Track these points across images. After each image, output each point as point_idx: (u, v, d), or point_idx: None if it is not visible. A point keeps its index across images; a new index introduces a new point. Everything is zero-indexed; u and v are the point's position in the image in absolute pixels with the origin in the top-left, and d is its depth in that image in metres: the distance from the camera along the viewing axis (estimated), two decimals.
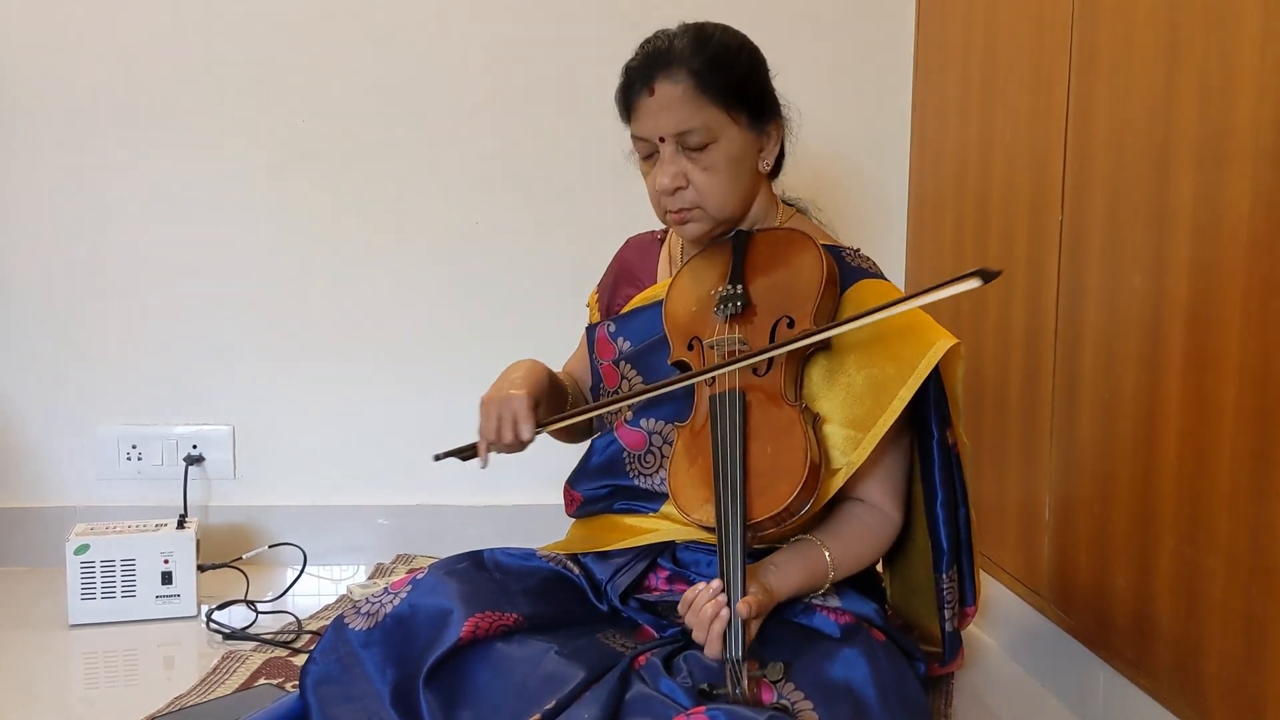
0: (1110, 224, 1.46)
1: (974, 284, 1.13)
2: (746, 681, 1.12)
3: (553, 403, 1.50)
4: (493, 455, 1.42)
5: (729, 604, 1.16)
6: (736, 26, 1.58)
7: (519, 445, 1.40)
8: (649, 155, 1.41)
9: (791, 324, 1.32)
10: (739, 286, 1.37)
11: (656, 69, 1.36)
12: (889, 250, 2.26)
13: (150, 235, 2.15)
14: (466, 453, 1.43)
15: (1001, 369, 1.80)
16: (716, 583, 1.18)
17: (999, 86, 1.82)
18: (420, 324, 2.21)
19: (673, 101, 1.35)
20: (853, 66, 2.23)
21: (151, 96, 2.12)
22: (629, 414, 1.46)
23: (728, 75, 1.36)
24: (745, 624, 1.16)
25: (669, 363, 1.41)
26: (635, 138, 1.41)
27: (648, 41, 1.41)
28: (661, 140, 1.37)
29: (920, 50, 2.21)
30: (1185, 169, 1.29)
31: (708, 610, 1.16)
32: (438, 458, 1.43)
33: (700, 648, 1.19)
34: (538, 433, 1.40)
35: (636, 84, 1.38)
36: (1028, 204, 1.71)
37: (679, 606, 1.23)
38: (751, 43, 1.43)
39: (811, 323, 1.30)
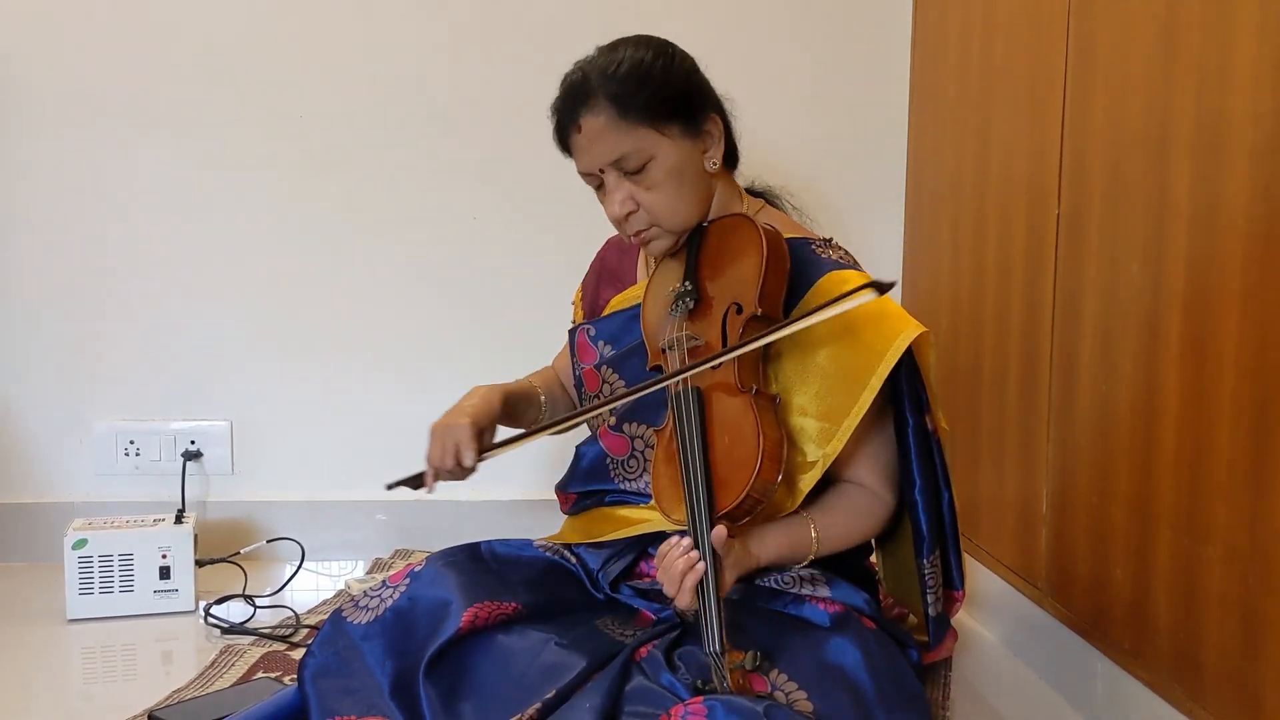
0: (1108, 216, 1.46)
1: (871, 295, 1.18)
2: (729, 674, 1.12)
3: (515, 420, 1.53)
4: (440, 483, 1.43)
5: (705, 607, 1.15)
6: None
7: (462, 472, 1.42)
8: (598, 187, 1.41)
9: (740, 310, 1.31)
10: (689, 283, 1.37)
11: (578, 104, 1.37)
12: (886, 244, 2.27)
13: (148, 232, 2.15)
14: (415, 481, 1.44)
15: (999, 361, 1.80)
16: (687, 540, 1.19)
17: (996, 79, 1.82)
18: (418, 319, 2.21)
19: (599, 133, 1.35)
20: (850, 60, 2.23)
21: (149, 94, 2.12)
22: (611, 419, 1.47)
23: (645, 92, 1.34)
24: (720, 572, 1.17)
25: (647, 368, 1.41)
26: (580, 174, 1.42)
27: (566, 76, 1.41)
28: (602, 171, 1.38)
29: (918, 43, 2.21)
30: (1183, 160, 1.30)
31: (679, 565, 1.16)
32: (390, 487, 1.44)
33: (694, 643, 1.19)
34: (480, 459, 1.41)
35: (565, 124, 1.39)
36: (1025, 196, 1.71)
37: (655, 559, 1.22)
38: (669, 47, 1.41)
39: (756, 306, 1.29)
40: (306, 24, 2.14)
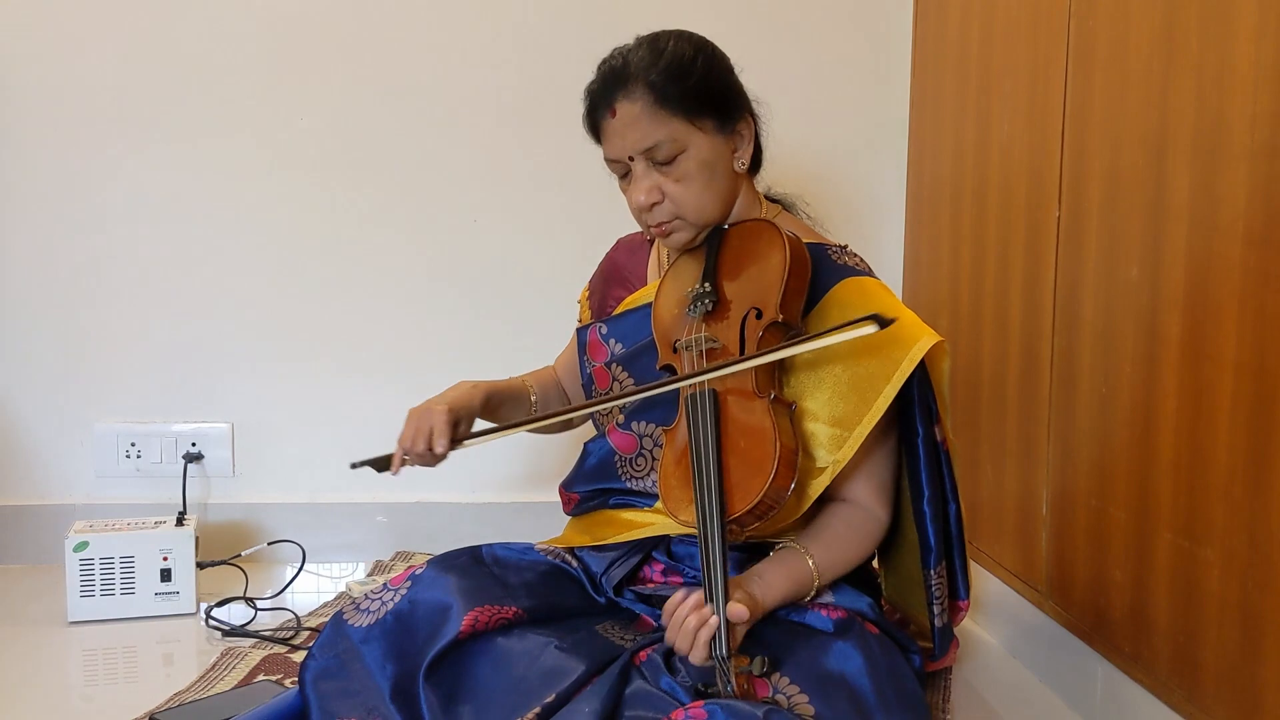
0: (1107, 218, 1.47)
1: (871, 329, 1.20)
2: (735, 678, 1.13)
3: (498, 417, 1.54)
4: (406, 468, 1.43)
5: (716, 610, 1.15)
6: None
7: (432, 458, 1.41)
8: (624, 175, 1.41)
9: (759, 315, 1.31)
10: (708, 284, 1.37)
11: (615, 89, 1.36)
12: (886, 247, 2.27)
13: (149, 233, 2.15)
14: (382, 463, 1.44)
15: (999, 364, 1.80)
16: (696, 595, 1.18)
17: (996, 82, 1.82)
18: (419, 322, 2.21)
19: (634, 119, 1.35)
20: (851, 63, 2.23)
21: (150, 95, 2.13)
22: (620, 417, 1.47)
23: (685, 84, 1.35)
24: (732, 626, 1.16)
25: (657, 367, 1.41)
26: (607, 160, 1.41)
27: (604, 61, 1.40)
28: (631, 159, 1.37)
29: (918, 46, 2.21)
30: (1181, 163, 1.30)
31: (691, 621, 1.15)
32: (354, 466, 1.44)
33: None
34: (452, 449, 1.42)
35: (599, 107, 1.39)
36: (1025, 199, 1.71)
37: (662, 617, 1.22)
38: (709, 45, 1.41)
39: (778, 312, 1.30)
40: (306, 27, 2.14)
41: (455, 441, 1.42)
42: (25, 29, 2.09)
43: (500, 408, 1.55)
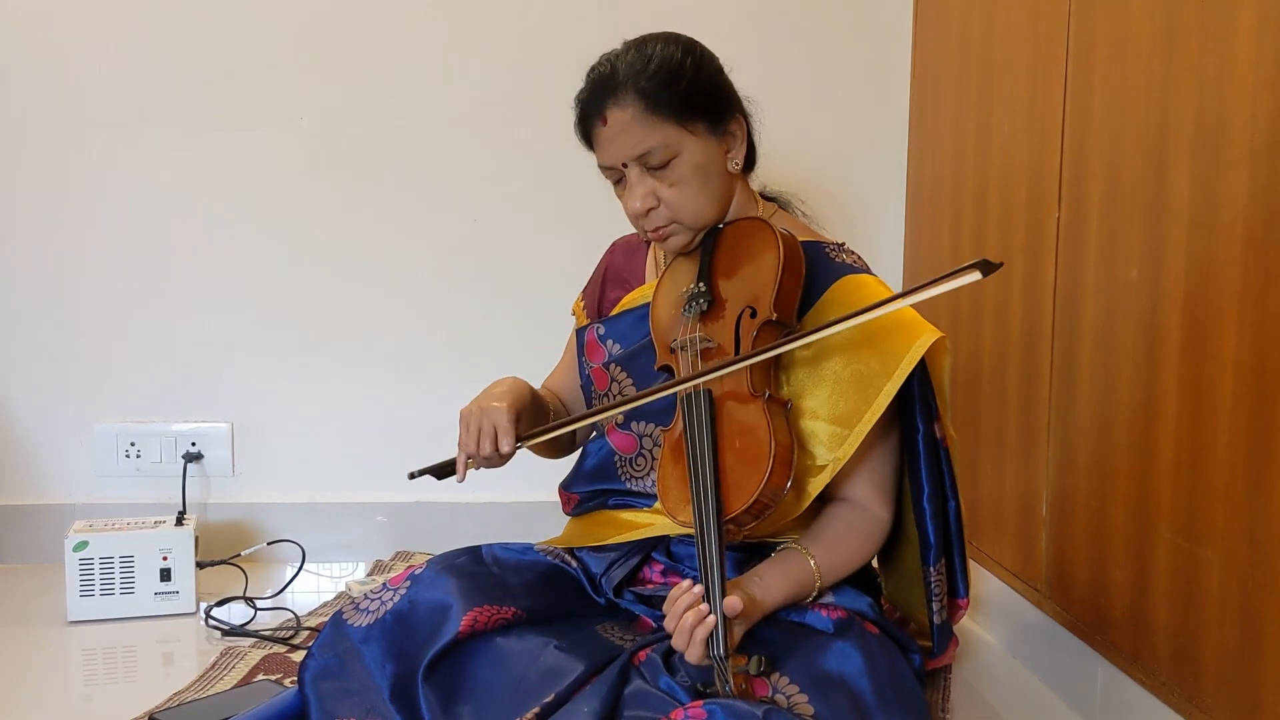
0: (1107, 218, 1.46)
1: (974, 277, 1.10)
2: (732, 678, 1.12)
3: (535, 419, 1.48)
4: (471, 471, 1.37)
5: (712, 609, 1.15)
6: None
7: (499, 459, 1.37)
8: (618, 181, 1.40)
9: (754, 314, 1.31)
10: (703, 284, 1.37)
11: (605, 97, 1.35)
12: (886, 246, 2.27)
13: (149, 233, 2.15)
14: (444, 470, 1.38)
15: (999, 364, 1.80)
16: (698, 587, 1.17)
17: (996, 82, 1.82)
18: (419, 321, 2.21)
19: (626, 126, 1.34)
20: (851, 63, 2.23)
21: (150, 95, 2.13)
22: (619, 418, 1.46)
23: (675, 88, 1.34)
24: (729, 625, 1.15)
25: (655, 368, 1.40)
26: (601, 166, 1.40)
27: (593, 69, 1.40)
28: (625, 165, 1.36)
29: (918, 46, 2.21)
30: (1182, 163, 1.29)
31: (689, 619, 1.15)
32: (413, 475, 1.39)
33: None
34: (518, 446, 1.37)
35: (590, 115, 1.38)
36: (1025, 199, 1.71)
37: (665, 603, 1.21)
38: (697, 47, 1.40)
39: (771, 311, 1.29)
40: (307, 26, 2.14)
41: (519, 439, 1.37)
42: (25, 29, 2.09)
43: (539, 407, 1.52)
